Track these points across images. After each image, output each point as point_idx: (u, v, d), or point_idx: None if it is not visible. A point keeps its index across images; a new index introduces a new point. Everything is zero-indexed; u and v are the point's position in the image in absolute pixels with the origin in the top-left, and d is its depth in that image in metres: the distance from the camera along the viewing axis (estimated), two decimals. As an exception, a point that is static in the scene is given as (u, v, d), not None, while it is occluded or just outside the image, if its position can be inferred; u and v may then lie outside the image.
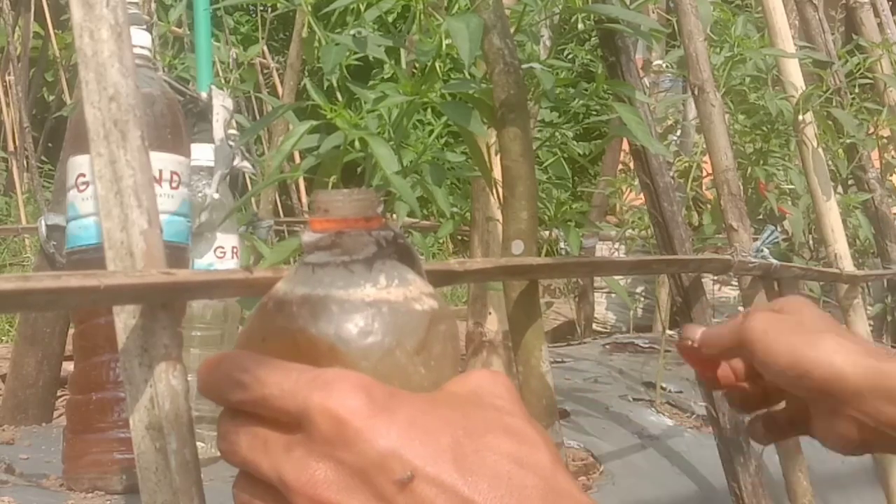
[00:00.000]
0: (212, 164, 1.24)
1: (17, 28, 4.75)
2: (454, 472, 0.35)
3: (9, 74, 4.48)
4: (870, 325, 1.99)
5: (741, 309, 2.14)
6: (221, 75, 2.46)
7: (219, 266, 1.22)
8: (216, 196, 1.21)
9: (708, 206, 2.17)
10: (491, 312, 1.50)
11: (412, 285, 0.40)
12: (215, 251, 1.23)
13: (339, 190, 0.40)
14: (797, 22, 2.33)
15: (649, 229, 1.78)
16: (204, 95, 1.31)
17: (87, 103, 0.55)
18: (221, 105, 1.29)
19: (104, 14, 0.55)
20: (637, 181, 1.65)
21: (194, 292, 0.58)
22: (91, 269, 0.50)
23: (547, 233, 1.48)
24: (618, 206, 2.52)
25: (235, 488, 0.38)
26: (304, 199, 4.27)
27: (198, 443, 0.56)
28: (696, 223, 2.10)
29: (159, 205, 0.56)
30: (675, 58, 1.97)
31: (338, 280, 0.39)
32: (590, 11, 1.02)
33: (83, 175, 0.99)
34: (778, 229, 1.44)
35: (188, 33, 2.30)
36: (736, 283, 2.30)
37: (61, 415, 1.38)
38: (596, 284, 3.22)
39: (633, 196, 2.28)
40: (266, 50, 3.87)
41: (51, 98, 6.11)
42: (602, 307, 3.42)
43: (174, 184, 1.03)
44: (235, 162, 1.26)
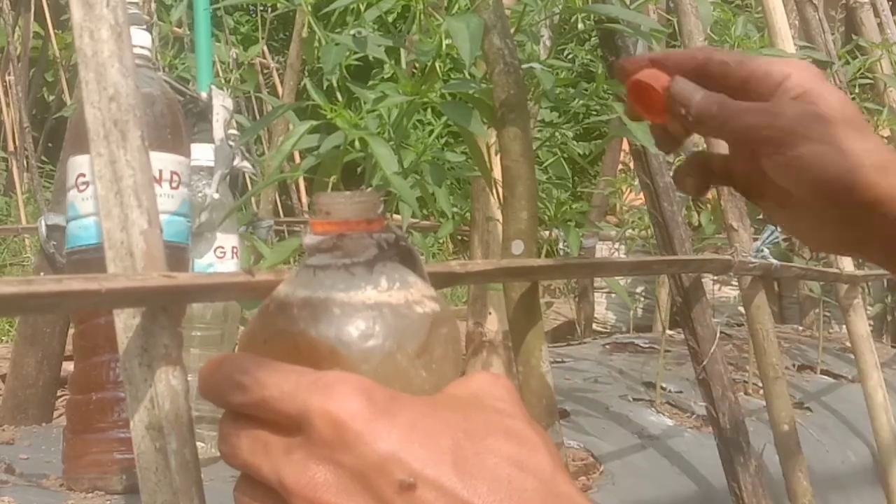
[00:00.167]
0: (212, 164, 1.23)
1: (17, 28, 4.74)
2: (454, 476, 0.35)
3: (9, 74, 4.48)
4: (870, 325, 1.99)
5: (741, 309, 2.14)
6: (221, 75, 2.46)
7: (219, 266, 1.22)
8: (216, 196, 1.21)
9: (708, 206, 2.17)
10: (491, 312, 1.50)
11: (413, 288, 0.40)
12: (215, 251, 1.23)
13: (341, 192, 0.40)
14: (797, 22, 2.34)
15: (649, 229, 1.78)
16: (204, 95, 1.31)
17: (87, 103, 0.55)
18: (221, 105, 1.29)
19: (104, 14, 0.55)
20: (637, 181, 1.65)
21: (196, 296, 0.58)
22: (91, 270, 0.50)
23: (547, 233, 1.48)
24: (618, 206, 2.52)
25: (237, 491, 0.38)
26: (304, 199, 4.27)
27: (198, 443, 0.56)
28: (696, 223, 2.10)
29: (159, 205, 0.56)
30: (675, 58, 1.96)
31: (339, 282, 0.39)
32: (590, 11, 1.02)
33: (83, 175, 0.99)
34: (778, 229, 1.43)
35: (188, 33, 2.30)
36: (736, 283, 2.30)
37: (61, 415, 1.38)
38: (596, 284, 3.22)
39: (633, 196, 2.28)
40: (266, 50, 3.87)
41: (51, 98, 6.11)
42: (602, 307, 3.42)
43: (174, 184, 1.03)
44: (235, 162, 1.26)
